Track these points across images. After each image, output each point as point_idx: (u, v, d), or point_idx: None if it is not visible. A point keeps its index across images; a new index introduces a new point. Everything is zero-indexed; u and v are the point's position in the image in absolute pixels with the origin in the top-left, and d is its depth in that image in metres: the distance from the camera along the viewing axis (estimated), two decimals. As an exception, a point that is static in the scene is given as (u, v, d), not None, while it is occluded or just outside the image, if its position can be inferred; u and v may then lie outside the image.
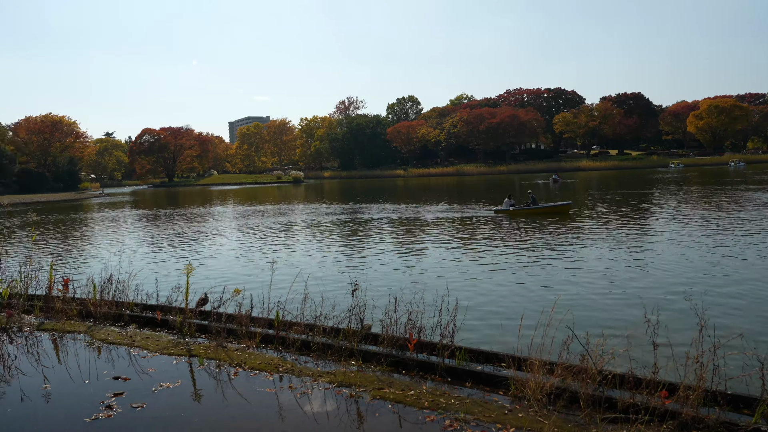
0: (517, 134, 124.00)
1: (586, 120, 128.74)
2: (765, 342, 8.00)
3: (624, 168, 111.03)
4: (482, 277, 14.58)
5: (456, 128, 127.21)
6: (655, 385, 5.82)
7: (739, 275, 13.60)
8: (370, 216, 33.47)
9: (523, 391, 6.13)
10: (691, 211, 28.92)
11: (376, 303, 9.67)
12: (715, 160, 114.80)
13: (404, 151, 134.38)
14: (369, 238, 23.33)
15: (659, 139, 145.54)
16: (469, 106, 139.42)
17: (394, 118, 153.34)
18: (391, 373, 7.08)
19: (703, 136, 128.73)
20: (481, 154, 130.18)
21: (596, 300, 11.81)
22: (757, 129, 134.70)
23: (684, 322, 9.28)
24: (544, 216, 28.49)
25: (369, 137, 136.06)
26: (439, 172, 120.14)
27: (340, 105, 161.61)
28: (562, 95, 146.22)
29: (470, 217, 29.87)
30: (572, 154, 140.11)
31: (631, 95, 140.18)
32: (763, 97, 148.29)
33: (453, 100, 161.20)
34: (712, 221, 24.19)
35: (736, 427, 5.28)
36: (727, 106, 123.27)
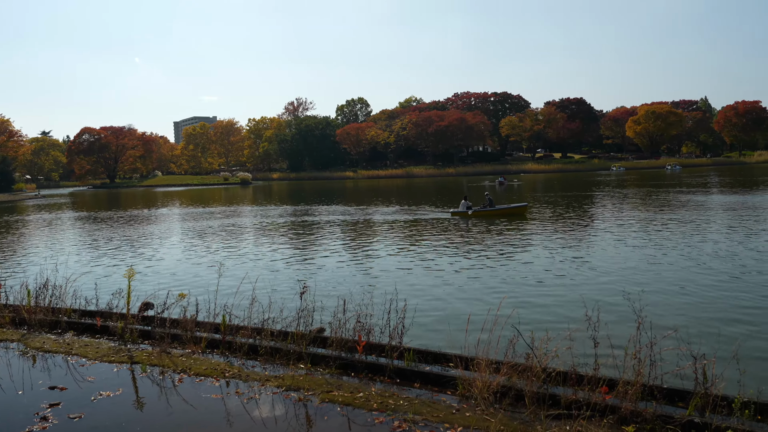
0: (465, 137, 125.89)
1: (531, 124, 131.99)
2: (697, 337, 8.39)
3: (567, 171, 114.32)
4: (431, 277, 14.72)
5: (405, 131, 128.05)
6: (596, 381, 6.01)
7: (673, 274, 14.22)
8: (320, 218, 33.30)
9: (470, 391, 6.22)
10: (631, 213, 30.06)
11: (325, 305, 9.62)
12: (653, 164, 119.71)
13: (354, 153, 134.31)
14: (318, 240, 23.21)
15: (600, 143, 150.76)
16: (418, 109, 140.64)
17: (344, 120, 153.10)
18: (340, 375, 7.06)
19: (641, 141, 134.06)
20: (430, 156, 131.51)
21: (541, 299, 12.11)
22: (690, 134, 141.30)
23: (623, 319, 9.63)
24: (500, 217, 28.98)
25: (318, 139, 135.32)
26: (389, 174, 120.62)
27: (289, 106, 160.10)
28: (508, 99, 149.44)
29: (426, 219, 30.12)
30: (518, 157, 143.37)
31: (574, 100, 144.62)
32: (696, 104, 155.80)
33: (402, 103, 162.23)
34: (649, 222, 25.21)
35: (671, 420, 5.51)
36: (663, 112, 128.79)
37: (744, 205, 32.41)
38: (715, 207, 31.75)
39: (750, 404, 5.57)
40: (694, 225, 23.65)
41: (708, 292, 12.31)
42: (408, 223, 28.70)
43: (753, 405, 5.59)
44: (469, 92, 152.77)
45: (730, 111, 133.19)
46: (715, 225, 23.54)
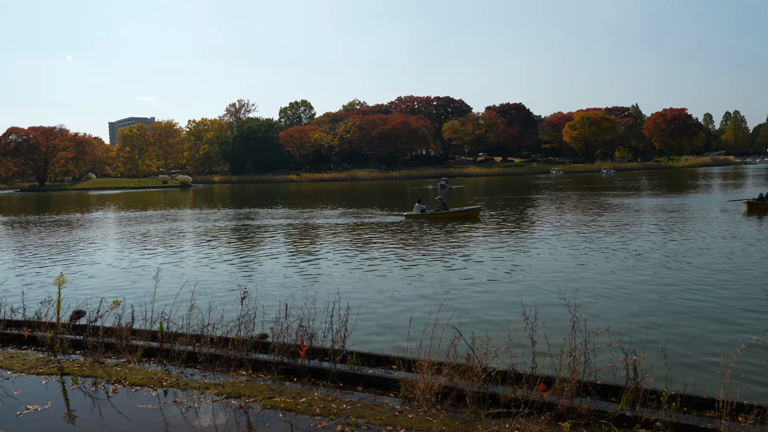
0: (409, 141, 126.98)
1: (473, 128, 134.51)
2: (629, 334, 8.74)
3: (508, 174, 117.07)
4: (374, 280, 14.76)
5: (349, 134, 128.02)
6: (534, 379, 6.18)
7: (605, 273, 14.79)
8: (262, 222, 32.82)
9: (413, 392, 6.27)
10: (568, 216, 31.07)
11: (266, 310, 9.49)
12: (589, 168, 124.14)
13: (297, 156, 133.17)
14: (260, 245, 22.87)
15: (539, 148, 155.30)
16: (362, 112, 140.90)
17: (287, 123, 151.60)
18: (283, 381, 6.98)
19: (577, 145, 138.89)
20: (374, 159, 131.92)
21: (481, 300, 12.34)
22: (622, 139, 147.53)
23: (559, 318, 9.92)
24: (453, 220, 29.32)
25: (261, 141, 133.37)
26: (333, 177, 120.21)
27: (231, 108, 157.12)
28: (450, 104, 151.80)
29: (370, 223, 30.14)
30: (460, 161, 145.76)
31: (514, 105, 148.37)
32: (628, 111, 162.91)
33: (346, 106, 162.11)
34: (585, 225, 26.14)
35: (605, 414, 5.72)
36: (597, 118, 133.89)
37: (671, 207, 34.09)
38: (646, 209, 33.25)
39: (677, 397, 5.86)
40: (626, 227, 24.68)
41: (638, 290, 12.85)
42: (352, 226, 28.68)
43: (679, 398, 5.88)
44: (412, 96, 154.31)
45: (659, 118, 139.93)
46: (645, 226, 24.64)
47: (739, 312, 10.87)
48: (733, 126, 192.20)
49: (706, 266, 15.34)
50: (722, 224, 24.70)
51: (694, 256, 16.99)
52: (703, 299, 11.87)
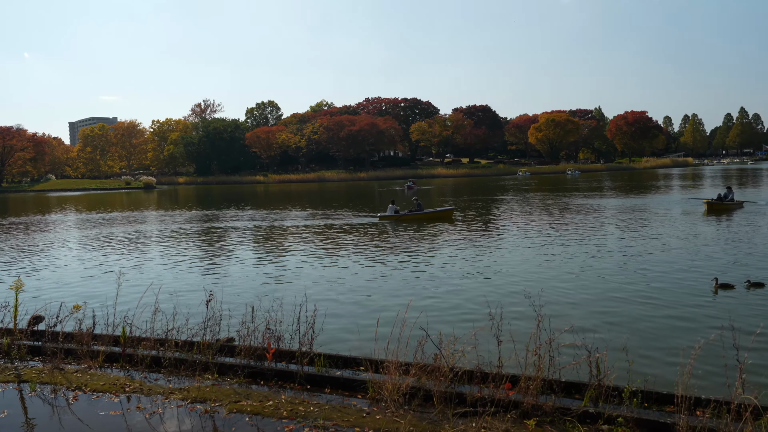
0: (376, 142, 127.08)
1: (440, 129, 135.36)
2: (592, 332, 8.92)
3: (475, 175, 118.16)
4: (341, 281, 14.73)
5: (316, 135, 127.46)
6: (500, 378, 6.26)
7: (569, 273, 15.06)
8: (229, 224, 32.42)
9: (380, 393, 6.27)
10: (534, 216, 31.53)
11: (233, 313, 9.38)
12: (554, 169, 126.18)
13: (264, 157, 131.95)
14: (227, 247, 22.60)
15: (505, 149, 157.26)
16: (330, 113, 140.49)
17: (254, 123, 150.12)
18: (249, 384, 6.91)
19: (542, 147, 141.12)
20: (342, 160, 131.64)
21: (448, 300, 12.43)
22: (586, 141, 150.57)
23: (524, 317, 10.07)
24: (428, 221, 29.41)
25: (227, 142, 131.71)
26: (300, 179, 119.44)
27: (196, 108, 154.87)
28: (418, 105, 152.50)
29: (338, 225, 30.05)
30: (428, 162, 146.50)
31: (480, 107, 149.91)
32: (591, 113, 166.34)
33: (313, 107, 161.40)
34: (550, 225, 26.57)
35: (569, 411, 5.82)
36: (562, 120, 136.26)
37: (633, 208, 34.91)
38: (609, 210, 33.99)
39: (638, 393, 6.00)
40: (589, 227, 25.18)
41: (601, 289, 13.13)
42: (321, 228, 28.57)
43: (640, 394, 6.02)
44: (380, 97, 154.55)
45: (621, 120, 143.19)
46: (608, 227, 25.18)
47: (698, 310, 11.19)
48: (692, 129, 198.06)
49: (666, 265, 15.75)
50: (682, 224, 25.40)
51: (654, 255, 17.43)
52: (663, 298, 12.19)
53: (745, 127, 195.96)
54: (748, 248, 18.19)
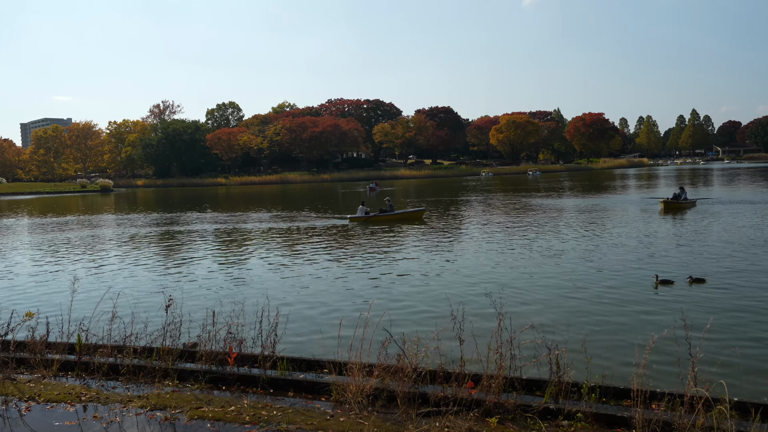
0: (340, 143, 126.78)
1: (403, 131, 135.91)
2: (552, 330, 9.09)
3: (438, 176, 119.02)
4: (303, 284, 14.64)
5: (279, 136, 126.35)
6: (463, 377, 6.32)
7: (529, 272, 15.32)
8: (189, 227, 31.86)
9: (344, 395, 6.26)
10: (496, 216, 31.94)
11: (193, 318, 9.22)
12: (516, 170, 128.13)
13: (225, 159, 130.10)
14: (187, 250, 22.20)
15: (467, 150, 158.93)
16: (292, 115, 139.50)
17: (215, 125, 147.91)
18: (211, 390, 6.80)
19: (504, 148, 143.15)
20: (305, 162, 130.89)
21: (411, 300, 12.49)
22: (546, 142, 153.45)
23: (486, 317, 10.19)
24: (398, 222, 29.41)
25: (187, 144, 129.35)
26: (263, 180, 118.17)
27: (155, 109, 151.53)
28: (380, 107, 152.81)
29: (301, 227, 29.83)
30: (391, 163, 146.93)
31: (442, 109, 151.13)
32: (550, 115, 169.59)
33: (275, 108, 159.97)
34: (511, 225, 26.98)
35: (530, 408, 5.92)
36: (522, 122, 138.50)
37: (592, 207, 35.73)
38: (569, 209, 34.70)
39: (596, 388, 6.14)
40: (550, 226, 25.66)
41: (560, 287, 13.39)
42: (283, 230, 28.33)
43: (599, 389, 6.17)
44: (342, 99, 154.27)
45: (579, 122, 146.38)
46: (568, 226, 25.70)
47: (653, 305, 11.53)
48: (646, 130, 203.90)
49: (623, 263, 16.17)
50: (639, 223, 26.12)
51: (612, 253, 17.87)
52: (620, 294, 12.51)
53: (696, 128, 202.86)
54: (698, 245, 18.83)
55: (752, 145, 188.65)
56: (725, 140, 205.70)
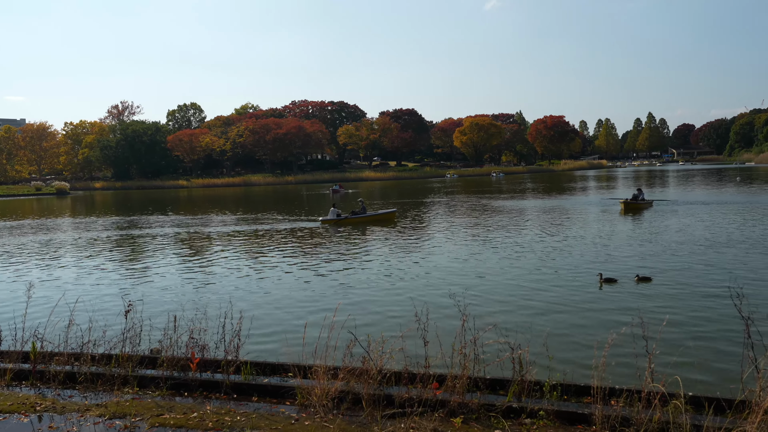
0: (304, 145, 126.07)
1: (368, 133, 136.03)
2: (514, 330, 9.22)
3: (402, 178, 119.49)
4: (267, 287, 14.51)
5: (242, 138, 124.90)
6: (428, 378, 6.35)
7: (491, 273, 15.52)
8: (150, 230, 31.21)
9: (309, 399, 6.22)
10: (461, 218, 32.25)
11: (154, 323, 9.03)
12: (480, 171, 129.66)
13: (187, 161, 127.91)
14: (147, 255, 21.74)
15: (431, 152, 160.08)
16: (255, 116, 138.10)
17: (176, 126, 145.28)
18: (173, 396, 6.68)
19: (467, 150, 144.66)
20: (269, 164, 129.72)
21: (376, 302, 12.51)
22: (508, 144, 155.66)
23: (450, 318, 10.29)
24: (370, 224, 29.35)
25: (147, 145, 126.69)
26: (226, 183, 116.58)
27: (113, 110, 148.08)
28: (345, 108, 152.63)
29: (265, 230, 29.52)
30: (356, 165, 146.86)
31: (406, 111, 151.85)
32: (512, 117, 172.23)
33: (238, 109, 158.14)
34: (475, 226, 27.28)
35: (493, 407, 5.99)
36: (485, 124, 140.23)
37: (554, 208, 36.40)
38: (531, 210, 35.27)
39: (557, 386, 6.26)
40: (512, 227, 26.04)
41: (521, 287, 13.61)
42: (248, 233, 28.02)
43: (560, 387, 6.29)
44: (306, 100, 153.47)
45: (540, 124, 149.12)
46: (530, 227, 26.13)
47: (611, 304, 11.81)
48: (605, 132, 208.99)
49: (584, 263, 16.52)
50: (599, 223, 26.73)
51: (573, 253, 18.25)
52: (580, 294, 12.78)
53: (652, 131, 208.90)
54: (651, 246, 19.37)
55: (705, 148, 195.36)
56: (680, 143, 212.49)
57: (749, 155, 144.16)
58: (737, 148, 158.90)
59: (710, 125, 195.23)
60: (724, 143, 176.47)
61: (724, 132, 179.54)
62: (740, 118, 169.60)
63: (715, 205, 33.74)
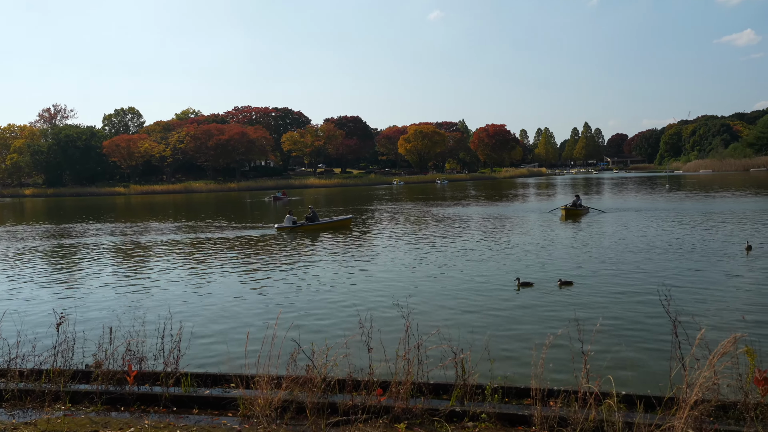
0: (247, 151, 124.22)
1: (312, 140, 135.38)
2: (457, 334, 9.36)
3: (347, 185, 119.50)
4: (208, 297, 14.20)
5: (183, 144, 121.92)
6: (372, 384, 6.37)
7: (434, 279, 15.72)
8: (84, 239, 29.99)
9: (252, 410, 6.13)
10: (406, 224, 32.51)
11: (88, 336, 8.67)
12: (426, 179, 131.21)
13: (125, 167, 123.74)
14: (81, 265, 20.88)
15: (376, 159, 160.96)
16: (197, 122, 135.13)
17: (113, 131, 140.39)
18: (108, 411, 6.44)
19: (412, 158, 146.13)
20: (211, 170, 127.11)
21: (320, 310, 12.44)
22: (452, 152, 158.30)
23: (394, 324, 10.35)
24: (325, 230, 29.10)
25: (82, 151, 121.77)
26: (166, 189, 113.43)
27: (45, 113, 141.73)
28: (289, 115, 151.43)
29: (209, 238, 28.85)
30: (300, 172, 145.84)
31: (351, 118, 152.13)
32: (456, 126, 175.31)
33: (179, 115, 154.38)
34: (421, 232, 27.56)
35: (437, 412, 6.07)
36: (429, 132, 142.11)
37: (497, 215, 37.23)
38: (475, 217, 35.95)
39: (499, 389, 6.40)
40: (457, 233, 26.47)
41: (464, 292, 13.85)
42: (188, 242, 27.34)
43: (501, 390, 6.43)
44: (250, 106, 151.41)
45: (483, 133, 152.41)
46: (472, 233, 26.63)
47: (547, 307, 12.18)
48: (544, 141, 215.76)
49: (524, 268, 16.95)
50: (539, 230, 27.50)
51: (514, 258, 18.69)
52: (519, 298, 13.11)
53: (589, 140, 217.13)
54: (581, 251, 20.07)
55: (637, 156, 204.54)
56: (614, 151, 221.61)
57: (678, 164, 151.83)
58: (667, 157, 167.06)
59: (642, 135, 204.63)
60: (654, 152, 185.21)
61: (655, 142, 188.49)
62: (669, 129, 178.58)
63: (645, 212, 35.31)
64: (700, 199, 45.17)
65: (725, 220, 28.68)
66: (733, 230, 24.24)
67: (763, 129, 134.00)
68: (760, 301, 12.28)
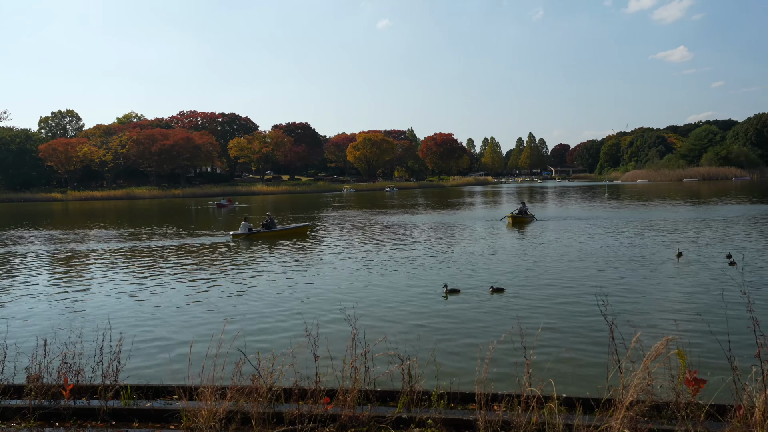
0: (192, 157, 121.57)
1: (260, 146, 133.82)
2: (404, 341, 9.45)
3: (296, 192, 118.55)
4: (150, 307, 13.80)
5: (125, 148, 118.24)
6: (318, 393, 6.34)
7: (380, 287, 15.79)
8: (16, 248, 28.62)
9: (195, 422, 6.00)
10: (355, 232, 32.49)
11: (20, 349, 8.28)
12: (375, 186, 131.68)
13: (62, 172, 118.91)
14: (12, 274, 19.91)
15: (325, 166, 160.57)
16: (140, 126, 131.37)
17: (49, 134, 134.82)
18: (42, 427, 6.17)
19: (360, 165, 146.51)
20: (154, 176, 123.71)
21: (266, 319, 12.29)
22: (400, 160, 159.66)
23: (340, 332, 10.34)
24: (282, 238, 28.69)
25: (15, 154, 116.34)
26: (106, 196, 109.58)
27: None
28: (236, 121, 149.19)
29: (152, 246, 28.00)
30: (247, 179, 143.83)
31: (300, 125, 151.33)
32: (404, 134, 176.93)
33: (121, 118, 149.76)
34: (369, 240, 27.61)
35: (384, 419, 6.09)
36: (378, 140, 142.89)
37: (445, 222, 37.70)
38: (424, 225, 36.30)
39: (444, 395, 6.48)
40: (402, 242, 26.66)
41: (409, 299, 13.97)
42: (129, 250, 26.48)
43: (447, 395, 6.51)
44: (196, 111, 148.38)
45: (431, 141, 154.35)
46: (420, 241, 26.88)
47: (490, 313, 12.42)
48: (491, 150, 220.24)
49: (470, 274, 17.22)
50: (488, 236, 28.02)
51: (460, 264, 18.97)
52: (463, 304, 13.32)
53: (533, 150, 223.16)
54: (522, 258, 20.59)
55: (579, 166, 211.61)
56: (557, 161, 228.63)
57: (617, 173, 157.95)
58: (606, 167, 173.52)
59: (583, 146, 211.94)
60: (595, 162, 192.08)
61: (595, 152, 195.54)
62: (609, 140, 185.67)
63: (586, 220, 36.52)
64: (636, 208, 47.09)
65: (659, 228, 29.99)
66: (666, 238, 25.36)
67: (694, 141, 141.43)
68: (690, 305, 12.90)
